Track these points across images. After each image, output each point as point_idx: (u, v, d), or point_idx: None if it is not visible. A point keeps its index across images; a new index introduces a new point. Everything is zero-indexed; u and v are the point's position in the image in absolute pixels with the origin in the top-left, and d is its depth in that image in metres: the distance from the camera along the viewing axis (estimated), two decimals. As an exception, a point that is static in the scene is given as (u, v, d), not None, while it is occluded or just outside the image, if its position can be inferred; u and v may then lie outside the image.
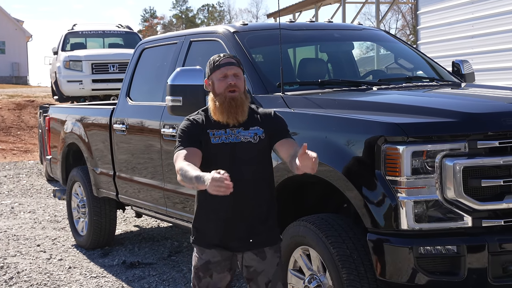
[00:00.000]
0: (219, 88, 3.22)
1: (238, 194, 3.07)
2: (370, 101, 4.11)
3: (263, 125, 3.24)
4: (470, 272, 3.27)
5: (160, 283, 5.56)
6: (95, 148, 6.46)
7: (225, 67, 3.22)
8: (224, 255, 3.24)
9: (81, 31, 16.71)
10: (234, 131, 3.20)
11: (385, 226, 3.36)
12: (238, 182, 3.07)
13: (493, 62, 10.32)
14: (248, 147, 3.18)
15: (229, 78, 3.21)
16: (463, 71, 5.42)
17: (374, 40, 6.27)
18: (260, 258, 3.24)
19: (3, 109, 20.27)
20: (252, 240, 3.21)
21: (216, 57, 3.29)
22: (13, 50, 47.28)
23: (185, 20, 72.57)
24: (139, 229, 7.75)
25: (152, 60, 6.01)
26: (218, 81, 3.23)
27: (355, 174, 3.50)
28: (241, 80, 3.24)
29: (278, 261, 3.31)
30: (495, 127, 3.38)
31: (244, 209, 3.18)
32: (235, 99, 3.18)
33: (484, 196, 3.33)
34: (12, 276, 5.91)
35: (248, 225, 3.19)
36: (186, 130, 3.24)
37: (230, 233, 3.20)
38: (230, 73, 3.22)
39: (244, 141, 3.18)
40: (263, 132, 3.22)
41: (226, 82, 3.20)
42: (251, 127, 3.21)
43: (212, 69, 3.26)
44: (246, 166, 3.17)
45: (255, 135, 3.20)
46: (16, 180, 11.77)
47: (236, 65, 3.25)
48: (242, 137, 3.19)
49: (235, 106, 3.17)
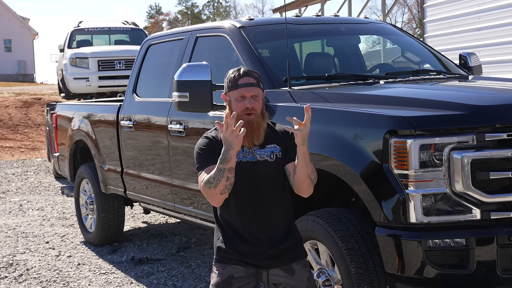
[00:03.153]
0: (236, 109, 3.05)
1: (259, 212, 3.06)
2: (377, 94, 4.11)
3: (280, 143, 3.13)
4: (479, 265, 3.27)
5: (169, 279, 5.58)
6: (102, 145, 6.47)
7: (243, 89, 3.06)
8: (248, 272, 3.10)
9: (87, 28, 16.74)
10: (251, 149, 3.09)
11: (394, 219, 3.35)
12: (257, 200, 3.06)
13: (500, 54, 10.27)
14: (264, 166, 3.08)
15: (247, 100, 3.04)
16: (470, 63, 5.40)
17: (381, 33, 6.25)
18: (288, 274, 3.11)
19: (10, 107, 20.34)
20: (277, 256, 3.09)
21: (236, 73, 3.10)
22: (20, 48, 47.43)
23: (190, 16, 72.53)
24: (147, 225, 7.77)
25: (159, 56, 6.01)
26: (235, 101, 3.07)
27: (363, 168, 3.50)
28: (259, 102, 3.08)
29: (309, 276, 3.17)
30: (503, 119, 3.37)
31: (266, 226, 3.09)
32: (251, 122, 3.03)
33: (492, 189, 3.33)
34: (22, 273, 5.94)
35: (271, 242, 3.09)
36: (204, 149, 3.09)
37: (253, 250, 3.08)
38: (248, 95, 3.05)
39: (260, 160, 3.08)
40: (280, 151, 3.11)
41: (244, 104, 3.04)
42: (268, 145, 3.10)
43: (229, 87, 3.10)
44: (264, 184, 3.08)
45: (271, 154, 3.10)
46: (24, 177, 11.81)
47: (256, 85, 3.08)
48: (258, 156, 3.08)
49: (251, 130, 3.04)
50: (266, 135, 3.12)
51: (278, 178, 3.12)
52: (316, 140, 3.83)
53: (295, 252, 3.15)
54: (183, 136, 5.03)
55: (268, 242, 3.09)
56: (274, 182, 3.11)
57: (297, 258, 3.15)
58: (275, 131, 3.18)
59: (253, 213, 3.06)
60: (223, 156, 2.89)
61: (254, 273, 3.11)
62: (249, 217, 3.07)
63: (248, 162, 3.07)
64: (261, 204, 3.07)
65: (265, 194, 3.09)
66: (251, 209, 3.07)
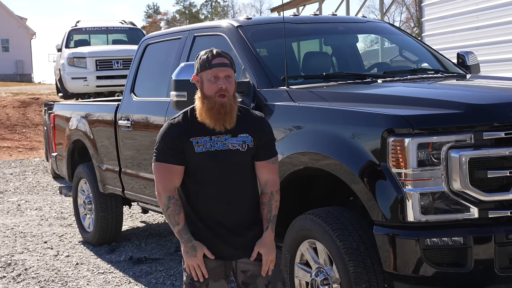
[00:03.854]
0: (209, 90, 2.99)
1: (226, 202, 3.04)
2: (375, 93, 4.11)
3: (253, 133, 3.07)
4: (476, 263, 3.27)
5: (167, 278, 5.58)
6: (100, 144, 6.47)
7: (217, 68, 2.99)
8: (218, 261, 3.11)
9: (85, 28, 16.73)
10: (220, 138, 3.01)
11: (392, 218, 3.36)
12: (225, 190, 3.04)
13: (498, 53, 10.27)
14: (235, 155, 3.03)
15: (220, 81, 2.98)
16: (468, 62, 5.40)
17: (379, 32, 6.25)
18: (256, 260, 3.11)
19: (8, 107, 20.32)
20: (245, 245, 3.10)
21: (209, 53, 3.03)
22: (17, 48, 47.40)
23: (188, 15, 72.49)
24: (146, 225, 7.77)
25: (156, 55, 6.01)
26: (208, 82, 3.00)
27: (361, 167, 3.50)
28: (232, 83, 3.02)
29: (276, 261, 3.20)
30: (501, 118, 3.37)
31: (233, 216, 3.07)
32: (224, 105, 2.97)
33: (490, 187, 3.33)
34: (20, 273, 5.94)
35: (238, 232, 3.08)
36: (167, 139, 3.04)
37: (222, 241, 3.08)
38: (222, 75, 2.99)
39: (232, 149, 3.02)
40: (252, 141, 3.06)
41: (217, 85, 2.97)
42: (240, 134, 3.04)
43: (202, 67, 3.02)
44: (233, 174, 3.04)
45: (243, 143, 3.04)
46: (22, 177, 11.81)
47: (229, 65, 3.02)
48: (230, 144, 3.02)
49: (224, 113, 2.97)
50: (239, 122, 3.05)
51: (247, 168, 3.10)
52: (313, 139, 3.83)
53: None
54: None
55: (236, 230, 3.08)
56: (244, 171, 3.09)
57: None
58: (248, 118, 3.11)
59: (221, 201, 3.04)
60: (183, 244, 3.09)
61: (223, 263, 3.13)
62: (217, 206, 3.04)
63: (217, 151, 3.01)
64: (229, 192, 3.05)
65: (234, 183, 3.06)
66: (219, 198, 3.05)
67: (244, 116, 3.10)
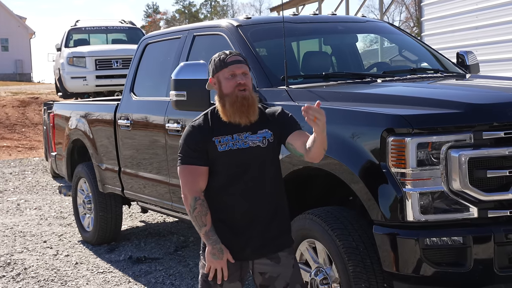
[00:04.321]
0: (228, 87, 3.04)
1: (249, 200, 3.05)
2: (374, 93, 4.11)
3: (271, 127, 3.10)
4: (476, 263, 3.27)
5: (167, 278, 5.58)
6: (100, 144, 6.47)
7: (233, 65, 3.05)
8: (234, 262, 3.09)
9: (84, 27, 16.71)
10: (241, 136, 3.04)
11: (391, 218, 3.36)
12: (248, 188, 3.04)
13: (498, 53, 10.28)
14: (257, 152, 3.05)
15: (238, 77, 3.04)
16: (468, 62, 5.40)
17: (378, 32, 6.25)
18: (274, 262, 3.11)
19: (7, 106, 20.31)
20: (264, 246, 3.09)
21: (222, 54, 3.11)
22: (17, 47, 47.37)
23: (188, 15, 72.46)
24: (145, 224, 7.77)
25: (156, 55, 6.01)
26: (225, 80, 3.05)
27: (361, 167, 3.50)
28: (249, 79, 3.08)
29: (294, 263, 3.18)
30: (501, 118, 3.37)
31: (255, 215, 3.07)
32: (246, 98, 3.01)
33: (489, 187, 3.33)
34: (20, 272, 5.93)
35: (259, 231, 3.08)
36: (190, 141, 3.07)
37: (240, 241, 3.08)
38: (238, 72, 3.05)
39: (252, 146, 3.04)
40: (271, 135, 3.08)
41: (236, 81, 3.03)
42: (259, 131, 3.07)
43: (218, 67, 3.08)
44: (256, 171, 3.06)
45: (263, 139, 3.06)
46: (22, 177, 11.80)
47: (244, 62, 3.09)
48: (251, 142, 3.05)
49: (247, 106, 3.01)
50: (258, 119, 3.09)
51: (270, 164, 3.11)
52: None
53: (282, 240, 3.15)
54: (180, 135, 5.02)
55: (255, 230, 3.07)
56: (267, 168, 3.09)
57: (283, 246, 3.14)
58: (265, 114, 3.14)
59: (245, 200, 3.04)
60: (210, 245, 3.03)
61: (239, 264, 3.11)
62: (238, 205, 3.04)
63: (239, 150, 3.04)
64: (250, 191, 3.05)
65: (257, 181, 3.06)
66: (243, 197, 3.05)
67: (263, 112, 3.14)
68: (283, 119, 3.13)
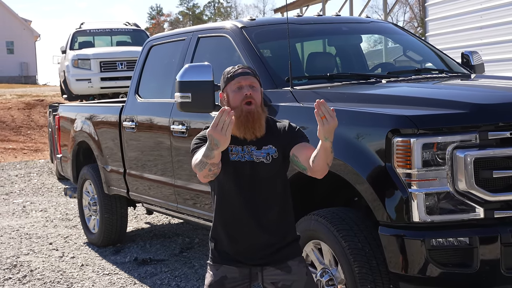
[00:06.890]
0: (235, 100, 3.00)
1: (254, 211, 3.04)
2: (379, 94, 4.10)
3: (276, 142, 3.06)
4: (482, 264, 3.26)
5: (172, 279, 5.58)
6: (105, 146, 6.48)
7: (240, 77, 3.03)
8: (242, 272, 3.07)
9: (89, 30, 16.75)
10: (248, 149, 3.02)
11: (397, 219, 3.35)
12: (254, 200, 3.03)
13: (503, 52, 10.25)
14: (259, 167, 3.03)
15: (245, 88, 3.01)
16: (473, 62, 5.39)
17: (382, 32, 6.24)
18: (285, 272, 3.08)
19: (12, 108, 20.37)
20: (272, 255, 3.06)
21: (231, 68, 3.10)
22: (22, 50, 47.53)
23: (192, 17, 72.55)
24: (150, 226, 7.77)
25: (160, 57, 6.02)
26: (233, 93, 3.02)
27: (366, 168, 3.50)
28: (257, 92, 3.03)
29: (307, 271, 3.15)
30: (506, 118, 3.36)
31: (262, 226, 3.05)
32: (251, 112, 2.98)
33: (495, 187, 3.32)
34: (26, 274, 5.95)
35: (266, 241, 3.06)
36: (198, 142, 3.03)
37: (248, 250, 3.07)
38: (245, 83, 3.02)
39: (256, 161, 3.03)
40: (275, 151, 3.05)
41: (242, 94, 3.00)
42: (264, 146, 3.04)
43: (226, 81, 3.07)
44: (261, 184, 3.04)
45: (267, 155, 3.03)
46: (27, 179, 11.83)
47: (252, 75, 3.06)
48: (255, 157, 3.03)
49: (252, 121, 2.97)
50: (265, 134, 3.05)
51: (275, 179, 3.08)
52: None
53: (290, 250, 3.12)
54: (185, 137, 5.03)
55: (263, 241, 3.05)
56: (271, 183, 3.07)
57: (291, 255, 3.11)
58: (272, 129, 3.11)
59: (249, 212, 3.04)
60: (206, 152, 2.79)
61: (248, 274, 3.08)
62: (245, 217, 3.04)
63: (247, 162, 3.03)
64: (257, 204, 3.04)
65: (262, 194, 3.05)
66: (247, 209, 3.04)
67: (271, 126, 3.10)
68: (291, 133, 3.09)
